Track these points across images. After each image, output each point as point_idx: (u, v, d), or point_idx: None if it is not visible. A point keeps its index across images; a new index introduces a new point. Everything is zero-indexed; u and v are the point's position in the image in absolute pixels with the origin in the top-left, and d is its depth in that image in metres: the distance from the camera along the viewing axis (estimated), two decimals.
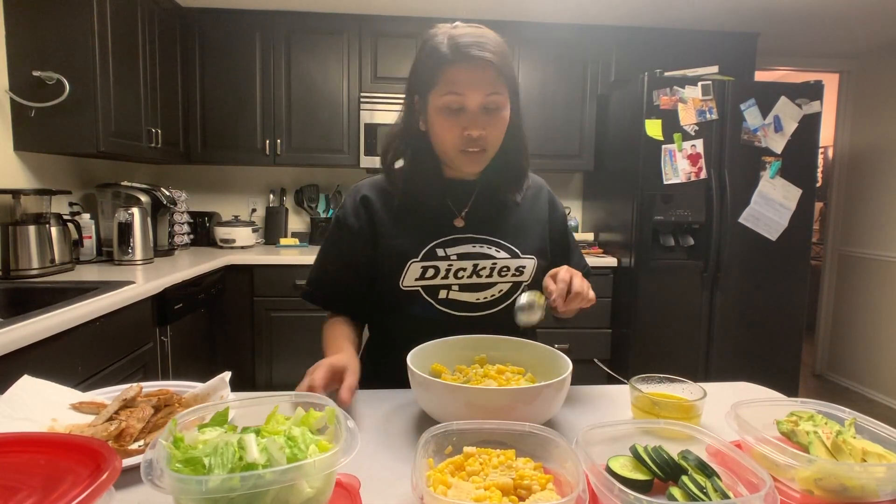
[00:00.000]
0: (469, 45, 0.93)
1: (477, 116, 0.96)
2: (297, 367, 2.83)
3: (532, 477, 0.60)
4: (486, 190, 1.09)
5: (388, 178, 1.09)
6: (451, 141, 0.98)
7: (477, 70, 0.94)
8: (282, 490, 0.50)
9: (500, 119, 0.98)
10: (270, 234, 3.31)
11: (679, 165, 2.66)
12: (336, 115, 3.05)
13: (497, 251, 1.05)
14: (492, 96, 0.95)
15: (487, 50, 0.93)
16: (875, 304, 3.54)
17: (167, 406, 0.80)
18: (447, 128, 0.97)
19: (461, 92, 0.94)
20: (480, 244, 1.05)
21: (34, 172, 2.27)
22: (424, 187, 1.05)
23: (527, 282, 1.06)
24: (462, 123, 0.96)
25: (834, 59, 3.74)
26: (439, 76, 0.95)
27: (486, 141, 0.98)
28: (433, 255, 1.03)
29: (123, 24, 2.33)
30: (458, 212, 1.08)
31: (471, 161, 1.00)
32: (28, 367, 1.08)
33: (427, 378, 0.78)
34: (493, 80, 0.95)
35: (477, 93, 0.94)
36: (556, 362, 0.87)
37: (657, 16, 3.02)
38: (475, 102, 0.95)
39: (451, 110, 0.96)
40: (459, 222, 1.07)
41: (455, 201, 1.08)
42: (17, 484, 0.52)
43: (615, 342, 2.92)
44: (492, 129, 0.98)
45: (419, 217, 1.06)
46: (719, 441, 0.65)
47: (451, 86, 0.94)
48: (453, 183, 1.08)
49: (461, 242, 1.05)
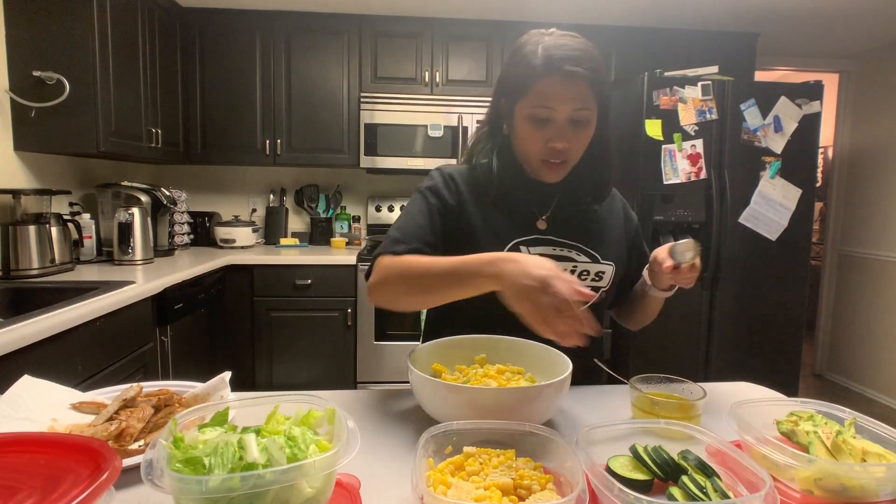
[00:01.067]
0: (563, 59, 0.91)
1: (563, 130, 0.95)
2: (297, 367, 2.85)
3: (532, 477, 0.60)
4: (567, 195, 1.08)
5: (472, 172, 1.07)
6: (534, 151, 0.98)
7: (569, 85, 0.92)
8: (282, 490, 0.50)
9: (585, 133, 0.97)
10: (270, 234, 3.31)
11: (679, 165, 2.66)
12: (336, 115, 3.05)
13: (578, 255, 1.05)
14: (580, 111, 0.94)
15: (581, 65, 0.91)
16: (875, 304, 3.54)
17: (167, 406, 0.80)
18: (532, 138, 0.97)
19: (551, 105, 0.93)
20: (562, 247, 1.04)
21: (34, 172, 2.27)
22: (508, 187, 1.04)
23: (605, 288, 1.05)
24: (547, 135, 0.96)
25: (834, 59, 3.74)
26: (530, 87, 0.94)
27: (568, 153, 0.97)
28: (516, 252, 1.00)
29: (123, 24, 2.33)
30: (540, 214, 1.07)
31: (551, 171, 1.00)
32: (28, 367, 1.08)
33: (427, 378, 0.78)
34: (584, 95, 0.93)
35: (566, 107, 0.93)
36: (556, 362, 0.87)
37: (657, 16, 3.02)
38: (563, 116, 0.94)
39: (538, 121, 0.95)
40: (542, 224, 1.06)
41: (537, 204, 1.08)
42: (17, 484, 0.52)
43: (615, 342, 2.92)
44: (576, 143, 0.97)
45: (502, 214, 1.04)
46: (719, 441, 0.65)
47: (541, 98, 0.93)
48: (536, 185, 1.06)
49: (543, 244, 1.04)
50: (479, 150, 1.07)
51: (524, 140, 0.99)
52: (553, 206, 1.08)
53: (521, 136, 0.99)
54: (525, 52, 0.95)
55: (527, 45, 0.96)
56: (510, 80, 0.98)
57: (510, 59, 0.99)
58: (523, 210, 1.06)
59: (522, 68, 0.95)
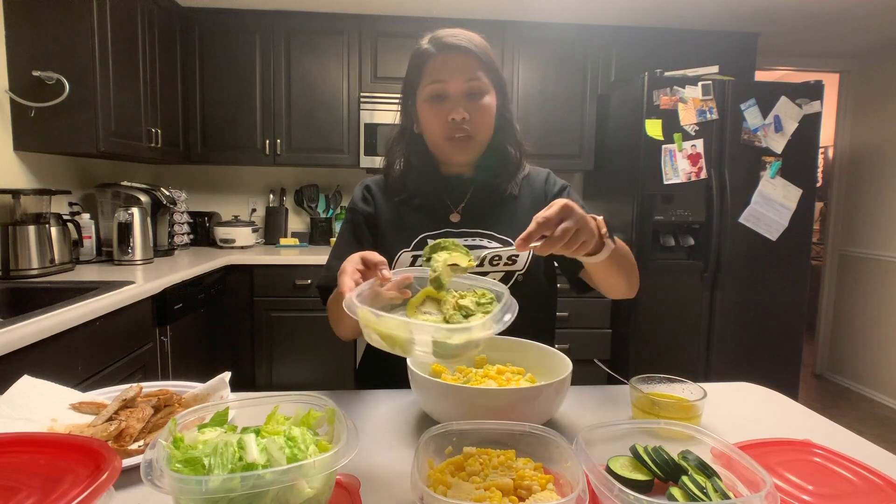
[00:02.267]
0: (446, 37, 1.00)
1: (459, 101, 1.01)
2: (297, 367, 2.84)
3: (532, 477, 0.60)
4: (481, 185, 1.11)
5: (386, 178, 1.14)
6: (437, 128, 1.03)
7: (456, 58, 1.00)
8: (282, 490, 0.50)
9: (482, 105, 1.02)
10: (270, 234, 3.31)
11: (679, 165, 2.66)
12: (336, 115, 3.05)
13: (489, 242, 1.06)
14: (472, 82, 1.00)
15: (464, 40, 1.00)
16: (875, 304, 3.54)
17: (167, 406, 0.80)
18: (433, 116, 1.02)
19: (442, 79, 1.00)
20: (472, 237, 1.07)
21: (34, 172, 2.27)
22: (421, 184, 1.10)
23: (521, 271, 1.06)
24: (446, 110, 1.01)
25: (834, 59, 3.74)
26: (423, 70, 1.02)
27: (471, 126, 1.02)
28: (423, 246, 1.02)
29: (123, 24, 2.33)
30: (455, 207, 1.10)
31: (458, 148, 1.04)
32: (28, 367, 1.08)
33: (427, 378, 0.78)
34: (473, 67, 1.00)
35: (457, 78, 1.00)
36: (556, 362, 0.87)
37: (657, 16, 3.02)
38: (456, 88, 1.00)
39: (434, 98, 1.01)
40: (455, 217, 1.10)
41: (451, 198, 1.11)
42: (17, 484, 0.52)
43: (615, 342, 2.92)
44: (475, 115, 1.01)
45: (415, 213, 1.10)
46: (719, 441, 0.65)
47: (432, 75, 1.01)
48: (449, 179, 1.11)
49: (453, 235, 1.06)
50: (393, 154, 1.13)
51: (427, 122, 1.04)
52: (467, 198, 1.11)
53: (424, 122, 1.05)
54: (415, 49, 1.04)
55: (418, 43, 1.05)
56: (408, 75, 1.06)
57: (409, 62, 1.06)
58: (438, 205, 1.10)
59: (415, 60, 1.04)
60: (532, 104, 3.10)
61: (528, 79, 3.10)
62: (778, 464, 0.70)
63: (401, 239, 1.07)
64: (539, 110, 3.11)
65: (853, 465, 0.69)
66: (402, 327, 0.64)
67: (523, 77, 3.10)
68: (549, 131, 3.13)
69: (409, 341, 0.64)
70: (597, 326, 2.92)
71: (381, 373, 1.11)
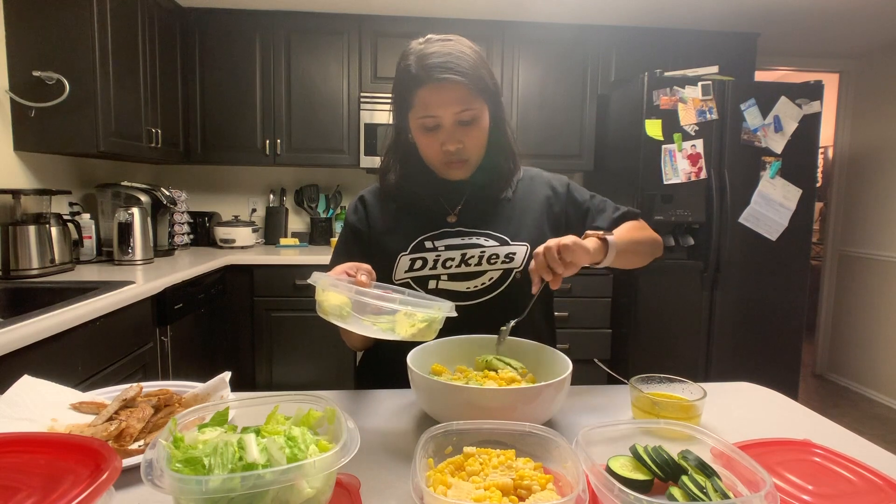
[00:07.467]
0: (434, 67, 0.95)
1: (453, 132, 1.00)
2: (297, 367, 2.85)
3: (532, 477, 0.60)
4: (476, 189, 1.12)
5: (382, 184, 1.15)
6: (433, 156, 1.04)
7: (446, 91, 0.96)
8: (282, 490, 0.50)
9: (476, 130, 1.02)
10: (270, 234, 3.31)
11: (679, 165, 2.66)
12: (336, 115, 3.05)
13: (486, 241, 1.07)
14: (464, 112, 0.98)
15: (454, 71, 0.95)
16: (875, 304, 3.54)
17: (167, 406, 0.80)
18: (427, 145, 1.03)
19: (433, 113, 0.98)
20: (469, 236, 1.07)
21: (34, 172, 2.27)
22: (417, 188, 1.11)
23: (518, 268, 1.06)
24: (440, 139, 1.01)
25: (834, 59, 3.74)
26: (413, 99, 0.99)
27: (464, 152, 1.02)
28: (421, 248, 1.06)
29: (123, 24, 2.33)
30: (451, 209, 1.11)
31: (455, 171, 1.06)
32: (28, 367, 1.08)
33: (427, 378, 0.78)
34: (465, 98, 0.97)
35: (448, 111, 0.97)
36: (556, 362, 0.87)
37: (657, 16, 3.02)
38: (448, 120, 0.98)
39: (427, 129, 1.00)
40: (452, 218, 1.10)
41: (448, 200, 1.12)
42: (17, 484, 0.52)
43: (615, 342, 2.92)
44: (469, 140, 1.01)
45: (413, 216, 1.11)
46: (719, 441, 0.65)
47: (423, 108, 0.98)
48: (445, 183, 1.11)
49: (451, 235, 1.08)
50: (388, 160, 1.14)
51: (422, 148, 1.05)
52: (464, 200, 1.12)
53: (419, 145, 1.05)
54: (403, 66, 1.00)
55: (405, 59, 1.00)
56: (398, 93, 1.03)
57: (396, 74, 1.03)
58: (435, 208, 1.11)
59: (404, 82, 1.00)
60: (532, 104, 3.10)
61: (527, 79, 3.10)
62: (778, 464, 0.69)
63: (398, 242, 1.07)
64: (539, 110, 3.11)
65: (853, 464, 0.69)
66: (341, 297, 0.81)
67: (523, 77, 3.10)
68: (549, 131, 3.12)
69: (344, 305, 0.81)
70: (597, 326, 2.92)
71: (381, 373, 1.11)
